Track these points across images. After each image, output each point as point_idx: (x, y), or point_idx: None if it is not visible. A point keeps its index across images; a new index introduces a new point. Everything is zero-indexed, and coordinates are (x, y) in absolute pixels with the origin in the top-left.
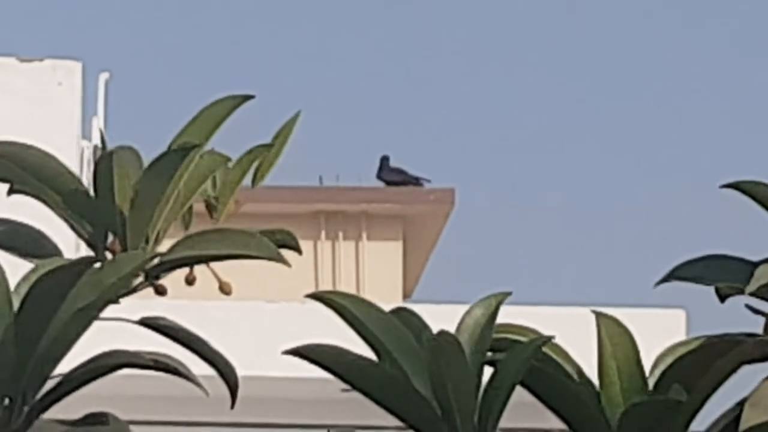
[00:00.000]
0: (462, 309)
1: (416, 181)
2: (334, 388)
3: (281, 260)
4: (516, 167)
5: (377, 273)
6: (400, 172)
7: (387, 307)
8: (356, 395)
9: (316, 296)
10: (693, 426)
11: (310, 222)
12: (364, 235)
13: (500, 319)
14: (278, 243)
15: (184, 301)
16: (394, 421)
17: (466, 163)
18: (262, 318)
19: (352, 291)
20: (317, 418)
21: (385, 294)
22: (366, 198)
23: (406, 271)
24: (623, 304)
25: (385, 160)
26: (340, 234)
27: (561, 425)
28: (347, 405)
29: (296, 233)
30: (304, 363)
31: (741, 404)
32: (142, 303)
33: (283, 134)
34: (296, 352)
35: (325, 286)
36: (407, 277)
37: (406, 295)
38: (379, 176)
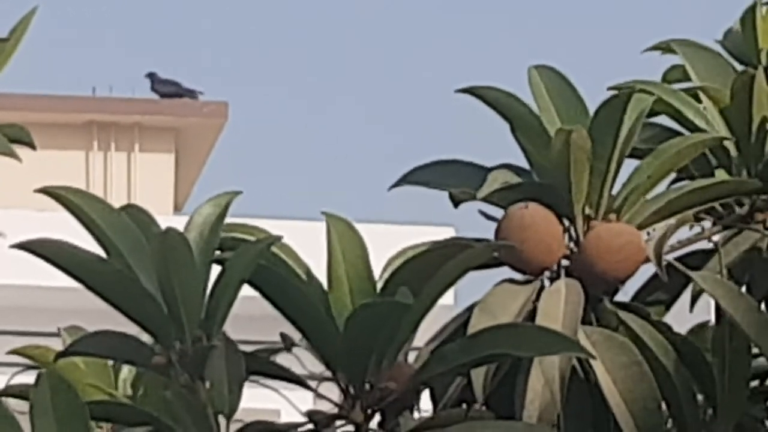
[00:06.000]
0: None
1: (190, 94)
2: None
3: (12, 155)
4: (286, 79)
5: (149, 185)
6: (174, 84)
7: (159, 219)
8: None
9: (46, 191)
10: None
11: (83, 132)
12: (137, 147)
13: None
14: (11, 138)
15: None
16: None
17: (240, 78)
18: (28, 227)
19: (123, 202)
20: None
21: (156, 206)
22: (139, 109)
23: (178, 183)
24: (393, 221)
25: (152, 75)
26: (113, 145)
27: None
28: (99, 315)
29: (68, 143)
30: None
31: (471, 309)
32: None
33: (19, 29)
34: (23, 246)
35: None
36: (179, 189)
37: (178, 208)
38: (153, 88)
